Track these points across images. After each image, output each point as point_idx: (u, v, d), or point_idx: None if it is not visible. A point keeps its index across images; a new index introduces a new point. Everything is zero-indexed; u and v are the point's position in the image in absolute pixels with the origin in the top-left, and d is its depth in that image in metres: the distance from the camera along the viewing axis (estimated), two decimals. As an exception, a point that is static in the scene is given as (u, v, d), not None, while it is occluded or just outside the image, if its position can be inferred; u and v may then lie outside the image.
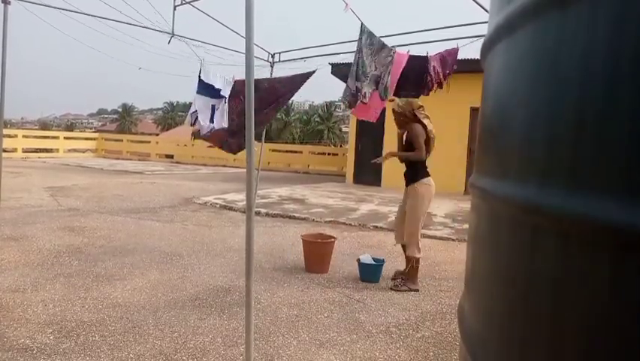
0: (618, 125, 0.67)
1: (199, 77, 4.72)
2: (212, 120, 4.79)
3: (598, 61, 0.72)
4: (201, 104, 4.77)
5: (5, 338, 2.85)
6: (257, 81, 4.77)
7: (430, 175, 4.27)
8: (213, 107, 4.78)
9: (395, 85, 4.73)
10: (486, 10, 4.63)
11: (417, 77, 4.77)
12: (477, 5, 4.95)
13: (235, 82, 4.99)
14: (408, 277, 4.23)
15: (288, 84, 5.01)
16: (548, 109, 0.83)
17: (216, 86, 4.75)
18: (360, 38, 4.13)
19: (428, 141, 4.28)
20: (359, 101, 4.30)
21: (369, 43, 4.20)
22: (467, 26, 5.23)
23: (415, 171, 4.26)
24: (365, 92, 4.29)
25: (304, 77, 4.99)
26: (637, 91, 0.65)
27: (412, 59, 4.74)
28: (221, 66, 7.31)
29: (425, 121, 4.26)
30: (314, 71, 5.06)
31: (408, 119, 4.26)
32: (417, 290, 4.17)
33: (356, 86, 4.22)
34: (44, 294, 3.64)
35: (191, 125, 4.87)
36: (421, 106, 4.30)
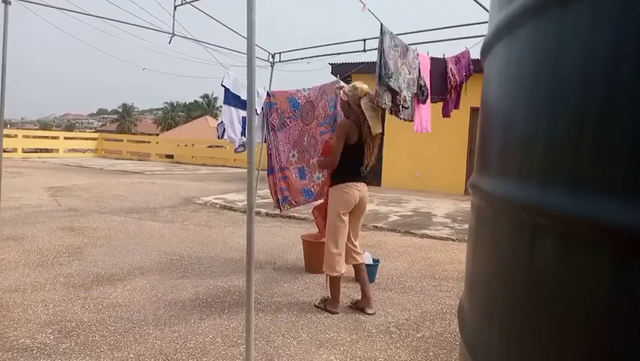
0: (619, 125, 0.67)
1: (222, 85, 4.36)
2: (243, 134, 4.48)
3: (598, 60, 0.72)
4: (231, 116, 4.44)
5: (5, 338, 2.85)
6: (292, 94, 4.61)
7: (353, 180, 3.54)
8: (244, 120, 4.40)
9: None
10: (486, 10, 4.63)
11: (441, 79, 4.75)
12: (477, 5, 4.95)
13: (274, 95, 4.58)
14: (329, 297, 3.66)
15: (319, 94, 4.81)
16: (549, 109, 0.83)
17: (242, 98, 4.42)
18: (382, 40, 3.98)
19: (362, 141, 3.55)
20: (400, 107, 4.11)
21: (394, 44, 4.06)
22: (467, 26, 5.24)
23: (334, 174, 3.60)
24: (405, 97, 4.08)
25: (332, 84, 4.86)
26: (637, 91, 0.65)
27: (432, 60, 4.73)
28: (222, 66, 7.33)
29: (369, 115, 3.51)
30: (337, 81, 5.00)
31: (351, 110, 3.59)
32: (332, 313, 3.53)
33: (387, 90, 4.03)
34: (44, 294, 3.64)
35: (219, 137, 4.63)
36: (367, 94, 3.56)
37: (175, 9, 5.78)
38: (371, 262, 4.46)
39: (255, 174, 3.09)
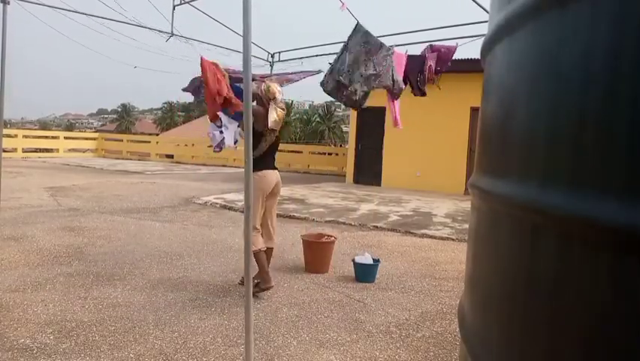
0: (619, 125, 0.67)
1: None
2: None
3: (598, 60, 0.72)
4: (226, 121, 4.36)
5: (5, 338, 2.85)
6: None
7: (267, 168, 3.97)
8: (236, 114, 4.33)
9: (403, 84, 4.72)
10: (486, 10, 4.63)
11: (416, 75, 4.78)
12: (477, 5, 4.95)
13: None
14: (259, 277, 3.89)
15: (288, 76, 4.89)
16: (548, 109, 0.83)
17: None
18: (352, 37, 4.10)
19: (263, 134, 3.92)
20: (347, 97, 4.28)
21: (364, 41, 4.16)
22: (467, 26, 5.24)
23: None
24: (356, 90, 4.23)
25: (307, 73, 4.92)
26: (637, 90, 0.65)
27: (410, 58, 4.74)
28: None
29: (272, 114, 3.86)
30: (318, 71, 5.01)
31: (262, 104, 3.96)
32: (267, 289, 3.83)
33: (337, 81, 4.19)
34: (44, 294, 3.64)
35: (218, 150, 4.56)
36: (275, 98, 3.91)
37: (174, 9, 5.79)
38: (371, 262, 4.47)
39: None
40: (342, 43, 4.38)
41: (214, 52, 6.18)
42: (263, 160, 3.98)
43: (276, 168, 4.12)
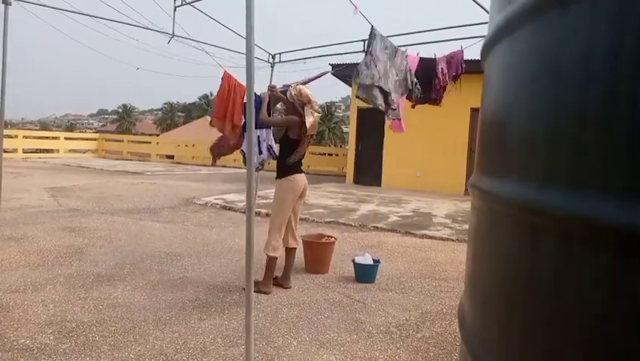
0: (619, 125, 0.67)
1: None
2: (260, 152, 4.43)
3: (598, 61, 0.72)
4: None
5: (6, 339, 2.85)
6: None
7: (297, 172, 4.05)
8: (259, 138, 4.37)
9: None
10: (486, 11, 4.63)
11: (427, 80, 4.76)
12: (477, 6, 4.95)
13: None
14: (262, 278, 3.99)
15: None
16: (549, 109, 0.83)
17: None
18: (372, 42, 4.02)
19: (300, 139, 4.00)
20: (394, 110, 4.21)
21: (384, 47, 4.10)
22: (468, 27, 5.23)
23: (280, 166, 4.07)
24: (393, 99, 4.19)
25: (318, 75, 4.90)
26: (637, 90, 0.65)
27: (422, 61, 4.73)
28: (221, 67, 7.32)
29: (309, 118, 3.94)
30: (327, 72, 5.01)
31: (295, 110, 4.00)
32: (266, 293, 3.90)
33: (384, 95, 4.11)
34: (44, 294, 3.64)
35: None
36: (310, 101, 3.99)
37: (175, 10, 5.78)
38: (371, 263, 4.47)
39: (255, 174, 3.06)
40: (345, 44, 4.36)
41: (215, 52, 6.16)
42: (295, 165, 4.08)
43: (302, 172, 4.18)
